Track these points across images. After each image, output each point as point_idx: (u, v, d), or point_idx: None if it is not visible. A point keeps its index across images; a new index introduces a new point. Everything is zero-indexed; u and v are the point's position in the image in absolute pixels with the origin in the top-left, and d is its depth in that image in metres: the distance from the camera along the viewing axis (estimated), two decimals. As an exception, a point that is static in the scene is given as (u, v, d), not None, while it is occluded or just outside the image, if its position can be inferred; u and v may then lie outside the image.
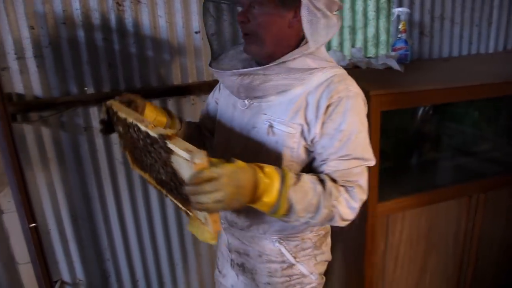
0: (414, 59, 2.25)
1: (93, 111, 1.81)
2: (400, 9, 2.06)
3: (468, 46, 2.45)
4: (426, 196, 1.83)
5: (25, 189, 0.57)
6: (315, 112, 1.03)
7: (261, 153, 1.08)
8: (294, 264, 1.21)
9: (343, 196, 0.98)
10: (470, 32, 2.43)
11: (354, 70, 1.89)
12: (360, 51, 1.94)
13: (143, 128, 0.95)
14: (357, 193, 1.00)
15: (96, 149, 1.86)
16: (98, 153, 1.87)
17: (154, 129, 0.90)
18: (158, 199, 2.03)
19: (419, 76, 1.87)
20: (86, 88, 1.76)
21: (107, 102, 1.15)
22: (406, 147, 2.09)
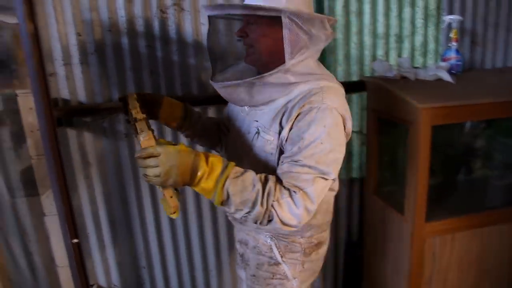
0: (466, 69, 2.13)
1: (134, 118, 1.81)
2: (452, 17, 1.95)
3: (525, 56, 2.30)
4: (478, 218, 1.71)
5: (69, 204, 0.56)
6: (287, 118, 1.10)
7: (250, 156, 1.20)
8: (280, 263, 1.30)
9: (285, 200, 1.01)
10: (528, 42, 2.27)
11: (402, 81, 1.80)
12: (408, 61, 1.85)
13: (133, 113, 1.10)
14: (300, 199, 1.01)
15: (136, 156, 1.87)
16: (138, 160, 1.87)
17: (135, 114, 1.06)
18: (195, 207, 2.02)
19: (473, 88, 1.75)
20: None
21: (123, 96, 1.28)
22: (456, 164, 1.97)
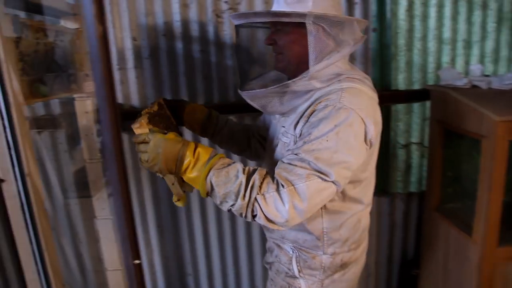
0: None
1: (186, 123, 1.79)
2: (529, 21, 1.77)
3: None
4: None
5: (132, 227, 0.52)
6: (303, 114, 1.07)
7: (273, 159, 1.19)
8: (297, 278, 1.23)
9: (271, 194, 0.96)
10: None
11: (472, 91, 1.65)
12: (481, 69, 1.70)
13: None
14: (288, 195, 0.95)
15: (186, 162, 1.84)
16: (188, 166, 1.85)
17: (144, 111, 1.10)
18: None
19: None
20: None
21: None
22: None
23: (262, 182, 0.97)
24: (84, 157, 1.81)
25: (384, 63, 1.87)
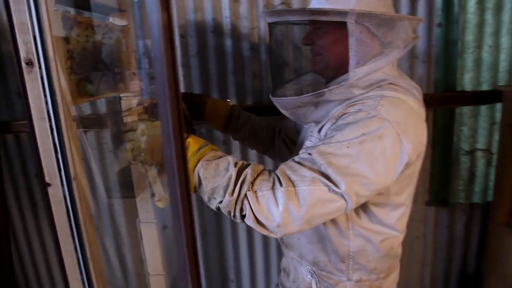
0: None
1: (233, 125, 1.71)
2: None
3: None
4: None
5: (194, 247, 0.44)
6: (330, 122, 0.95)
7: None
8: None
9: (264, 192, 0.83)
10: None
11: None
12: None
13: None
14: (284, 195, 0.82)
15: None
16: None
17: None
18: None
19: None
20: (229, 100, 1.67)
21: None
22: None
23: (256, 178, 0.86)
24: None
25: (449, 62, 1.71)
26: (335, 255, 1.03)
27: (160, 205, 1.02)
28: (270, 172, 0.89)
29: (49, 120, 0.92)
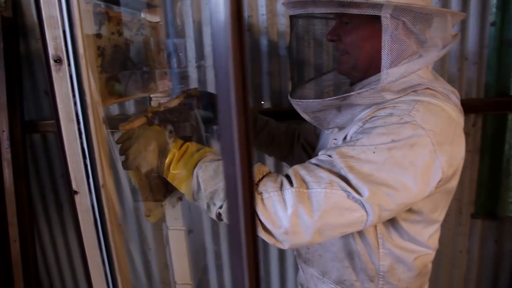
0: None
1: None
2: None
3: None
4: None
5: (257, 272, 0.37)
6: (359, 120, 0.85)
7: None
8: None
9: (271, 194, 0.74)
10: None
11: None
12: None
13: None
14: (294, 197, 0.72)
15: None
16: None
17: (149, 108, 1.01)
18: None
19: None
20: (263, 102, 1.59)
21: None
22: None
23: (262, 179, 0.77)
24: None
25: (503, 64, 1.57)
26: (364, 274, 0.94)
27: (151, 220, 0.96)
28: (278, 174, 0.81)
29: (78, 123, 0.85)
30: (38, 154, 1.84)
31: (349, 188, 0.73)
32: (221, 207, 0.78)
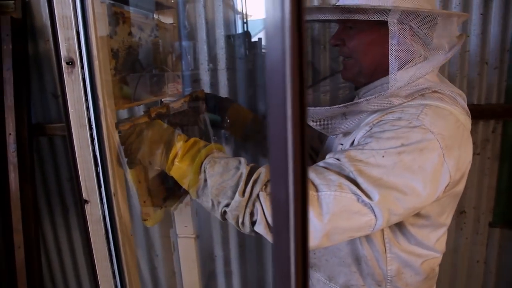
0: None
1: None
2: None
3: None
4: None
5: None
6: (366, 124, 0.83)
7: None
8: None
9: None
10: None
11: None
12: None
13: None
14: None
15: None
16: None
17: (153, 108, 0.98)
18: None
19: None
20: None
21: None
22: None
23: (265, 177, 0.76)
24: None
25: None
26: (371, 279, 0.93)
27: (148, 224, 0.93)
28: None
29: (90, 128, 0.80)
30: (45, 158, 1.80)
31: (359, 192, 0.72)
32: (228, 205, 0.76)
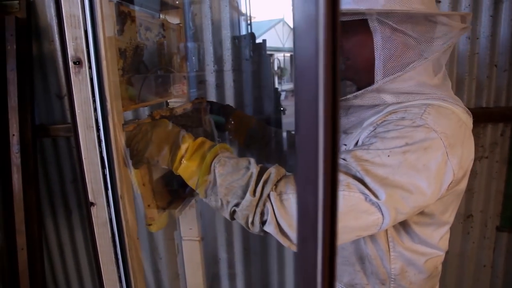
0: None
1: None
2: None
3: None
4: None
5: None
6: (369, 125, 0.84)
7: None
8: None
9: (290, 195, 0.73)
10: None
11: None
12: None
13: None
14: None
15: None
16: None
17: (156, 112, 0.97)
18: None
19: None
20: (283, 108, 1.53)
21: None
22: None
23: (280, 180, 0.77)
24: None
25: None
26: (375, 278, 0.93)
27: (153, 230, 0.91)
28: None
29: (97, 130, 0.79)
30: (48, 159, 1.78)
31: (367, 191, 0.73)
32: (237, 205, 0.77)
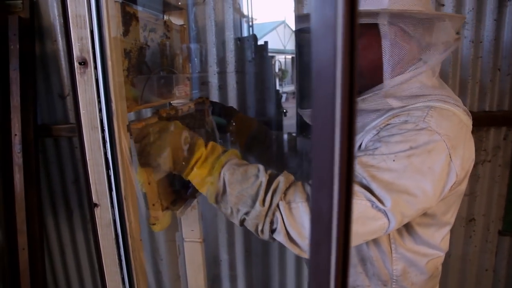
0: None
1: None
2: None
3: None
4: None
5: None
6: (373, 128, 0.84)
7: None
8: None
9: (299, 204, 0.73)
10: None
11: None
12: None
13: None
14: None
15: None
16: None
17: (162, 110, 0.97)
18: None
19: None
20: (285, 111, 1.53)
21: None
22: None
23: (289, 188, 0.77)
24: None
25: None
26: (377, 279, 0.94)
27: (156, 229, 0.90)
28: (304, 183, 0.79)
29: (102, 131, 0.78)
30: (50, 159, 1.78)
31: (373, 198, 0.73)
32: (247, 214, 0.77)
